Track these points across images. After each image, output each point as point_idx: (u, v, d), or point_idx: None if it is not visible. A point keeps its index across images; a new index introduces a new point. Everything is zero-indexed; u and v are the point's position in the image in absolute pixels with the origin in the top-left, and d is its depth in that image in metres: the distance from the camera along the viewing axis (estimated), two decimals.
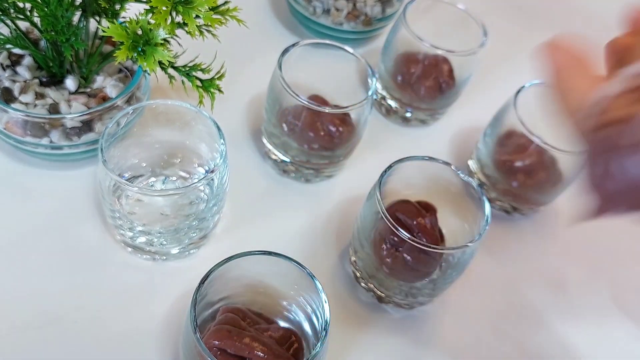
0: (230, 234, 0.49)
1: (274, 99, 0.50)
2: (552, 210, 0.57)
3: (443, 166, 0.46)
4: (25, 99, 0.47)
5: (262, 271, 0.40)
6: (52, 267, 0.45)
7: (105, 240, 0.47)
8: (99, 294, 0.44)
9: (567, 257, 0.55)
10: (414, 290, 0.45)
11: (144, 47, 0.38)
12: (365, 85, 0.52)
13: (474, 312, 0.49)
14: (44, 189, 0.49)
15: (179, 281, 0.46)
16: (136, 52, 0.39)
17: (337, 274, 0.49)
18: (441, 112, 0.61)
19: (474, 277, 0.51)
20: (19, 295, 0.43)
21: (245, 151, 0.55)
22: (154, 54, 0.39)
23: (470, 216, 0.46)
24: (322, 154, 0.51)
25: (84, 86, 0.49)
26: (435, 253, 0.43)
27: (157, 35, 0.37)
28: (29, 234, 0.46)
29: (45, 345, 0.41)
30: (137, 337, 0.42)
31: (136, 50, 0.39)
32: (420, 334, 0.47)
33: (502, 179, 0.54)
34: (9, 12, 0.45)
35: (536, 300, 0.51)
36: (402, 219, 0.45)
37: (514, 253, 0.54)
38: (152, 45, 0.38)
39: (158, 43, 0.38)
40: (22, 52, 0.49)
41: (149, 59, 0.39)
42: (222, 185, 0.44)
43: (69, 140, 0.47)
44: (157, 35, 0.37)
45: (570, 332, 0.50)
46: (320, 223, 0.52)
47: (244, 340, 0.36)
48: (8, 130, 0.46)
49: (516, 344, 0.48)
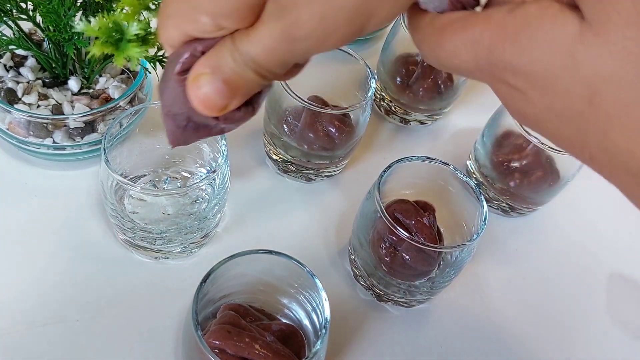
0: (231, 233, 0.50)
1: (275, 100, 0.51)
2: (549, 210, 0.57)
3: (441, 166, 0.47)
4: (29, 100, 0.47)
5: (263, 269, 0.40)
6: (55, 267, 0.45)
7: (107, 239, 0.47)
8: (101, 293, 0.44)
9: (564, 256, 0.55)
10: (413, 288, 0.46)
11: (118, 43, 0.38)
12: (365, 87, 0.52)
13: (471, 311, 0.50)
14: (47, 189, 0.49)
15: (181, 280, 0.46)
16: (110, 47, 0.39)
17: (337, 272, 0.49)
18: (439, 113, 0.62)
19: (472, 276, 0.51)
20: (22, 294, 0.43)
21: (246, 151, 0.56)
22: (125, 50, 0.39)
23: (468, 215, 0.46)
24: (322, 154, 0.52)
25: (86, 87, 0.49)
26: (434, 252, 0.44)
27: (129, 32, 0.37)
28: (32, 233, 0.47)
29: (47, 344, 0.41)
30: (139, 335, 0.43)
31: (110, 46, 0.39)
32: (419, 332, 0.47)
33: (499, 179, 0.54)
34: (12, 13, 0.45)
35: (533, 298, 0.52)
36: (401, 218, 0.45)
37: (511, 252, 0.55)
38: (124, 42, 0.38)
39: (131, 39, 0.38)
40: (25, 54, 0.50)
41: (119, 55, 0.39)
42: (224, 184, 0.45)
43: (71, 141, 0.47)
44: (129, 32, 0.37)
45: (568, 330, 0.50)
46: (320, 222, 0.52)
47: (244, 340, 0.36)
48: (11, 131, 0.47)
49: (514, 342, 0.49)
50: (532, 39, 0.21)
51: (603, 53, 0.20)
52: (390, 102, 0.61)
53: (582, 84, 0.21)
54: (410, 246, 0.43)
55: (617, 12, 0.19)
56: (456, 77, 0.58)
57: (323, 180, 0.56)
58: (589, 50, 0.20)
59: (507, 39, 0.22)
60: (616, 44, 0.20)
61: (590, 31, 0.20)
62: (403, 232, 0.42)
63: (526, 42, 0.21)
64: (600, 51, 0.20)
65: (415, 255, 0.43)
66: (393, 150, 0.59)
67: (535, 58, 0.22)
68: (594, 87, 0.21)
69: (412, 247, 0.43)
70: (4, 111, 0.46)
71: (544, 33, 0.21)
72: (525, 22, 0.22)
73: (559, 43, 0.21)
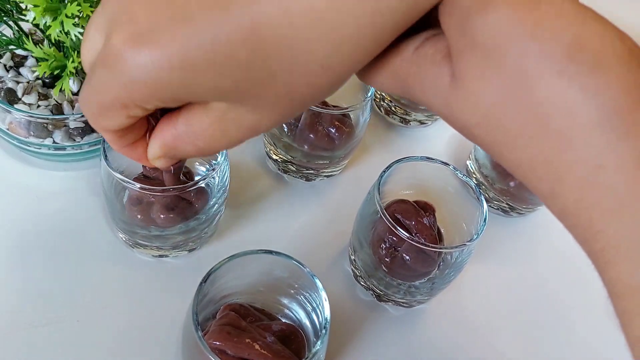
0: (231, 233, 0.50)
1: None
2: (549, 211, 0.57)
3: (441, 166, 0.47)
4: (29, 100, 0.47)
5: (263, 270, 0.40)
6: (55, 267, 0.45)
7: (108, 239, 0.47)
8: (102, 293, 0.45)
9: (564, 256, 0.55)
10: (413, 289, 0.46)
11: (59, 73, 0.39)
12: (365, 86, 0.52)
13: (471, 311, 0.50)
14: (47, 189, 0.49)
15: (181, 279, 0.46)
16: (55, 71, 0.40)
17: (337, 272, 0.49)
18: None
19: (472, 277, 0.51)
20: (22, 294, 0.43)
21: (246, 151, 0.56)
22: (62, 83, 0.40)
23: (468, 216, 0.46)
24: (322, 154, 0.52)
25: None
26: (434, 252, 0.44)
27: (70, 65, 0.38)
28: (32, 233, 0.47)
29: (48, 344, 0.41)
30: (139, 335, 0.43)
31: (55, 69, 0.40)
32: (419, 332, 0.47)
33: (499, 179, 0.55)
34: (11, 13, 0.45)
35: (533, 299, 0.52)
36: (401, 218, 0.45)
37: (511, 252, 0.55)
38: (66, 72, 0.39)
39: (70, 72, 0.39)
40: (25, 54, 0.50)
41: (57, 87, 0.40)
42: (223, 184, 0.45)
43: (72, 141, 0.47)
44: (70, 65, 0.38)
45: (568, 331, 0.50)
46: (320, 222, 0.52)
47: (244, 341, 0.36)
48: (11, 131, 0.47)
49: (513, 342, 0.49)
50: (424, 83, 0.24)
51: (468, 104, 0.22)
52: (390, 102, 0.61)
53: (461, 128, 0.24)
54: (410, 247, 0.43)
55: (471, 67, 0.22)
56: None
57: (323, 180, 0.56)
58: (458, 100, 0.22)
59: (413, 77, 0.24)
60: (475, 94, 0.22)
61: (456, 82, 0.22)
62: (403, 232, 0.42)
63: (422, 85, 0.24)
64: (466, 102, 0.22)
65: (416, 255, 0.43)
66: (393, 151, 0.59)
67: (429, 101, 0.24)
68: (469, 131, 0.23)
69: (413, 248, 0.43)
70: (4, 111, 0.46)
71: (430, 81, 0.23)
72: (422, 65, 0.24)
73: (440, 92, 0.23)
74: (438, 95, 0.23)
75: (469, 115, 0.22)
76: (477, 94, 0.22)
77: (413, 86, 0.24)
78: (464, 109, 0.22)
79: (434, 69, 0.23)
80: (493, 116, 0.22)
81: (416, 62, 0.24)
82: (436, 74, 0.23)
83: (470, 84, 0.22)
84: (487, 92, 0.21)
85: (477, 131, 0.23)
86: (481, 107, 0.22)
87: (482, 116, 0.22)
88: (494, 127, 0.22)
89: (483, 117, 0.22)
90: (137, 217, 0.43)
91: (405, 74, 0.24)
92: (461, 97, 0.22)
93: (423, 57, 0.23)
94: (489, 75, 0.21)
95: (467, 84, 0.22)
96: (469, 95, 0.22)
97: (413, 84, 0.24)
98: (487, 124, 0.22)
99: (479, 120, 0.22)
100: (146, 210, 0.43)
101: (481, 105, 0.22)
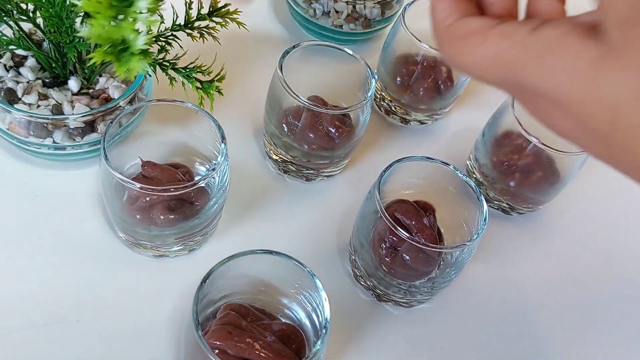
0: (231, 233, 0.50)
1: (275, 100, 0.51)
2: (549, 210, 0.57)
3: (441, 166, 0.47)
4: (29, 100, 0.47)
5: (263, 270, 0.40)
6: (55, 266, 0.45)
7: (108, 238, 0.47)
8: (102, 293, 0.45)
9: (564, 256, 0.55)
10: (413, 288, 0.46)
11: (120, 54, 0.38)
12: (365, 86, 0.52)
13: (471, 311, 0.50)
14: (47, 188, 0.49)
15: (181, 279, 0.46)
16: (112, 57, 0.39)
17: (337, 272, 0.49)
18: (440, 113, 0.62)
19: (472, 276, 0.51)
20: (22, 294, 0.43)
21: (246, 151, 0.56)
22: (127, 62, 0.39)
23: (469, 215, 0.46)
24: (322, 154, 0.52)
25: (86, 87, 0.49)
26: (434, 252, 0.44)
27: (135, 45, 0.37)
28: (33, 233, 0.47)
29: (48, 344, 0.41)
30: (139, 335, 0.43)
31: (112, 55, 0.39)
32: (419, 332, 0.48)
33: (499, 179, 0.54)
34: (12, 13, 0.45)
35: (534, 299, 0.52)
36: (401, 218, 0.45)
37: (511, 252, 0.55)
38: (128, 54, 0.38)
39: (135, 52, 0.38)
40: (25, 54, 0.50)
41: (121, 67, 0.39)
42: (223, 184, 0.45)
43: (72, 141, 0.47)
44: (135, 45, 0.37)
45: (569, 330, 0.50)
46: (321, 222, 0.52)
47: (244, 340, 0.36)
48: (11, 131, 0.47)
49: (514, 342, 0.49)
50: (555, 65, 0.22)
51: (625, 77, 0.21)
52: (391, 102, 0.61)
53: (605, 107, 0.22)
54: (410, 246, 0.43)
55: (634, 38, 0.20)
56: (456, 77, 0.58)
57: (323, 180, 0.56)
58: (610, 74, 0.21)
59: (530, 61, 0.23)
60: (635, 65, 0.21)
61: (611, 55, 0.21)
62: (403, 232, 0.42)
63: (549, 67, 0.22)
64: (622, 75, 0.21)
65: (416, 255, 0.43)
66: (393, 150, 0.59)
67: (558, 83, 0.23)
68: (617, 109, 0.22)
69: (413, 248, 0.43)
70: (4, 111, 0.46)
71: (565, 61, 0.22)
72: (547, 47, 0.23)
73: (581, 70, 0.22)
74: (576, 72, 0.22)
75: (623, 88, 0.21)
76: (638, 64, 0.21)
77: (525, 69, 0.23)
78: (617, 82, 0.21)
79: (571, 48, 0.22)
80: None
81: (533, 46, 0.23)
82: (576, 51, 0.22)
83: (630, 54, 0.21)
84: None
85: (628, 109, 0.21)
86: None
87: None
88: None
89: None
90: (137, 217, 0.43)
91: (514, 58, 0.23)
92: (617, 68, 0.21)
93: (545, 39, 0.23)
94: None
95: (626, 54, 0.21)
96: (627, 67, 0.21)
97: (525, 67, 0.23)
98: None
99: (637, 94, 0.21)
100: (146, 210, 0.43)
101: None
